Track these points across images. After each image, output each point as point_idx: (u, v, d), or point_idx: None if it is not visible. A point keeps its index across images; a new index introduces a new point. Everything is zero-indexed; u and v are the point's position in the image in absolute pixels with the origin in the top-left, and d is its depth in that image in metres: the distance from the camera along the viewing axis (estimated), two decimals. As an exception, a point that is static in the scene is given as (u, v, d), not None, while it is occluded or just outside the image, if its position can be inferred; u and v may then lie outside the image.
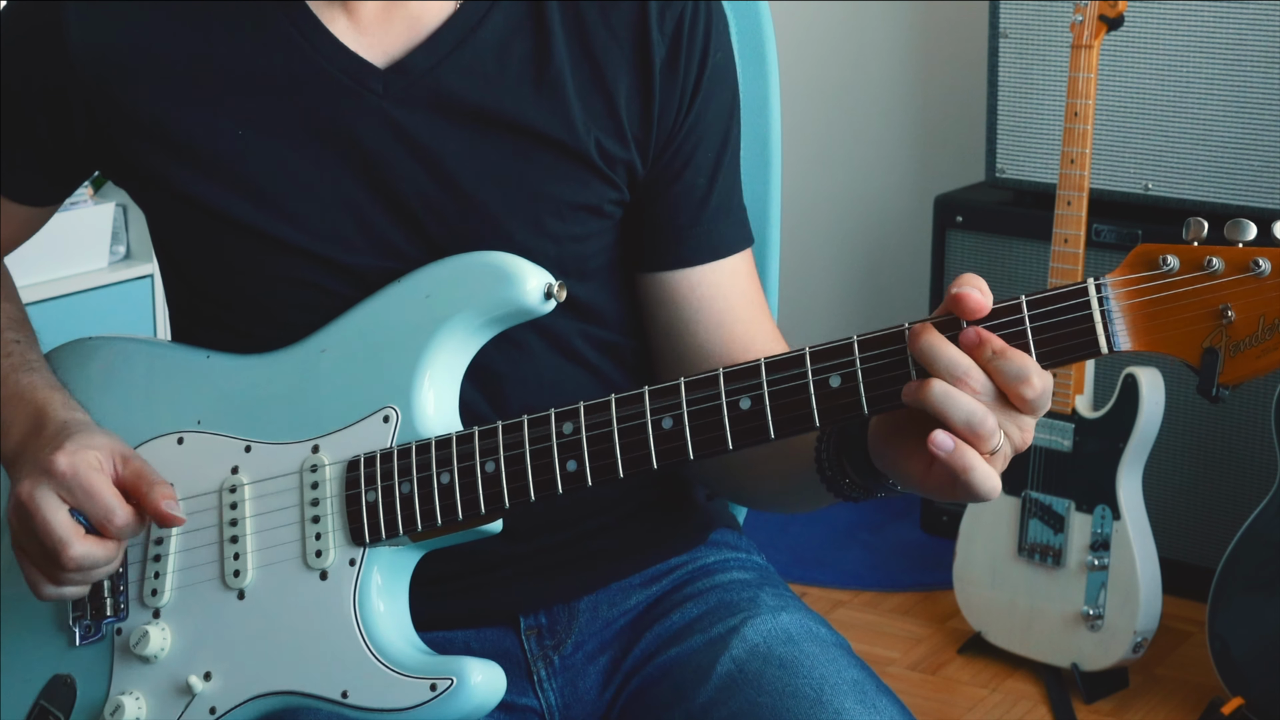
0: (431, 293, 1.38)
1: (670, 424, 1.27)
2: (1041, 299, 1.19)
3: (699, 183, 1.47)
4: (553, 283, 1.36)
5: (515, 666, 1.48)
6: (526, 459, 1.31)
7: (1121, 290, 1.18)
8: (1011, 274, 3.28)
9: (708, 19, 1.46)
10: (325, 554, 1.35)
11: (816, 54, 3.91)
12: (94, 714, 1.40)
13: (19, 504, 1.35)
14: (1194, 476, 3.14)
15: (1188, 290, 1.17)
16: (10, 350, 1.48)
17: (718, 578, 1.51)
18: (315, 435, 1.38)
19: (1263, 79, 2.99)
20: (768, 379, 1.25)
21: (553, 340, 1.46)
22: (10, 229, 1.54)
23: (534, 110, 1.41)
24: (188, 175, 1.42)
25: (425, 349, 1.37)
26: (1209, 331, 1.17)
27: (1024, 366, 1.18)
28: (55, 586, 1.37)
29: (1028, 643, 3.01)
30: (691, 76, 1.45)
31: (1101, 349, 1.18)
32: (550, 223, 1.42)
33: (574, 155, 1.42)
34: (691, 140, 1.46)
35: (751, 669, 1.38)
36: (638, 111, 1.44)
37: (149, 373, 1.46)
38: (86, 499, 1.34)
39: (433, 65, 1.41)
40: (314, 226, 1.41)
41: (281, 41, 1.41)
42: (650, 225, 1.47)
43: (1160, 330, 1.17)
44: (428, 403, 1.36)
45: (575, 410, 1.30)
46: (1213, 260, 1.16)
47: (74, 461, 1.34)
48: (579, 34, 1.43)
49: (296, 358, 1.41)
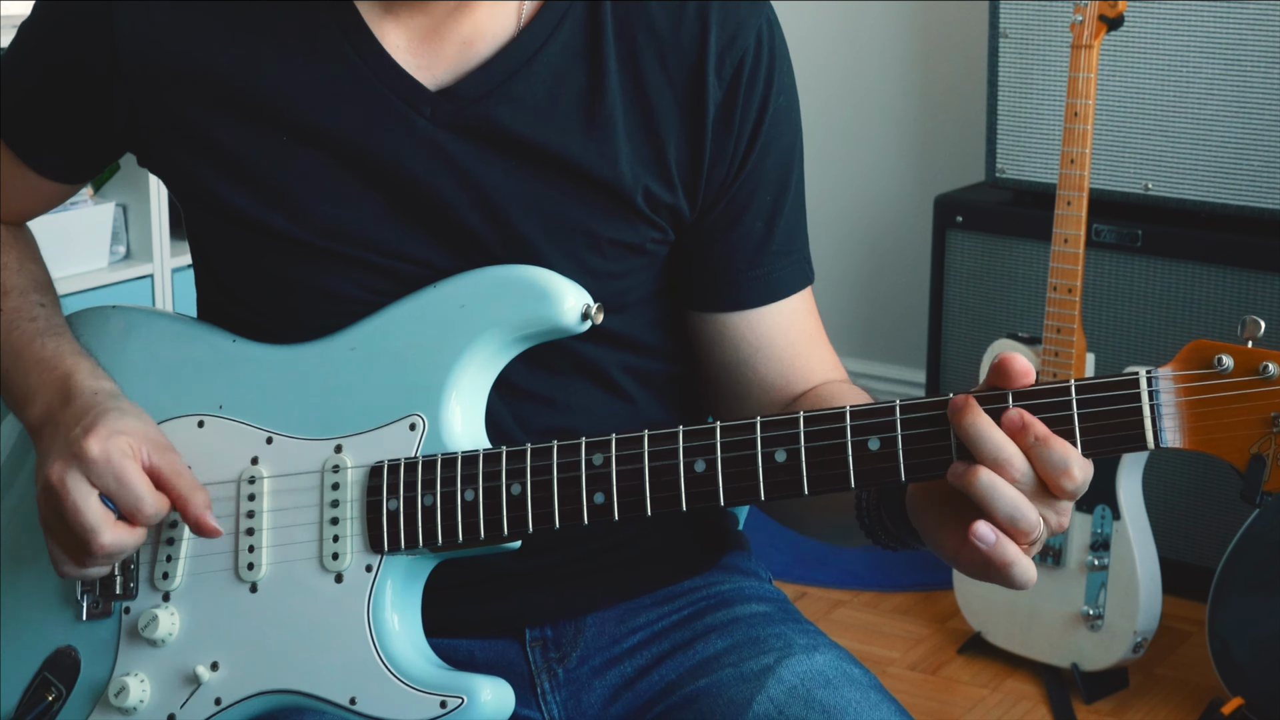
0: (467, 303, 1.37)
1: (703, 468, 1.26)
2: (1091, 384, 1.18)
3: (757, 226, 1.44)
4: (591, 304, 1.35)
5: (519, 677, 1.46)
6: (554, 486, 1.29)
7: (1175, 386, 1.17)
8: (1011, 274, 3.28)
9: (771, 62, 1.42)
10: (342, 557, 1.35)
11: (816, 54, 3.91)
12: (97, 692, 1.39)
13: (49, 486, 1.34)
14: (1194, 476, 3.14)
15: (1241, 395, 1.16)
16: (35, 314, 1.47)
17: (738, 609, 1.49)
18: (339, 435, 1.37)
19: (1263, 79, 2.99)
20: (805, 433, 1.23)
21: (586, 367, 1.44)
22: (33, 201, 1.54)
23: (581, 149, 1.39)
24: (224, 180, 1.41)
25: (457, 360, 1.36)
26: (1259, 437, 1.16)
27: (1066, 456, 1.17)
28: (79, 568, 1.37)
29: (1028, 643, 3.01)
30: (749, 126, 1.41)
31: (1148, 444, 1.17)
32: (590, 258, 1.41)
33: (619, 197, 1.40)
34: (748, 187, 1.43)
35: (792, 713, 1.36)
36: (687, 160, 1.41)
37: (172, 349, 1.45)
38: (118, 487, 1.33)
39: (484, 94, 1.39)
40: (349, 239, 1.40)
41: (332, 52, 1.39)
42: (707, 268, 1.45)
43: (1210, 431, 1.17)
44: (455, 415, 1.35)
45: (607, 442, 1.29)
46: (1269, 366, 1.16)
47: (106, 448, 1.33)
48: (634, 73, 1.40)
49: (324, 353, 1.40)
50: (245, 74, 1.39)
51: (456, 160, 1.38)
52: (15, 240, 1.55)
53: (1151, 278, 3.12)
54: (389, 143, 1.38)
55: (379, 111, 1.39)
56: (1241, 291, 3.04)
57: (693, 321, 1.49)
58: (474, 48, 1.40)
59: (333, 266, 1.40)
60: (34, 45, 1.48)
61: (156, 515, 1.34)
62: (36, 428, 1.40)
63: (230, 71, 1.40)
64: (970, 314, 3.35)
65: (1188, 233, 3.05)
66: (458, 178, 1.38)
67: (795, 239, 1.47)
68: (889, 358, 4.02)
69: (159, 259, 3.12)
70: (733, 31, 1.40)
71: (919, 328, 3.67)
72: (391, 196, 1.39)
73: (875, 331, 4.03)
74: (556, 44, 1.39)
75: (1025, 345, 2.95)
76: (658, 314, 1.48)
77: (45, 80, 1.46)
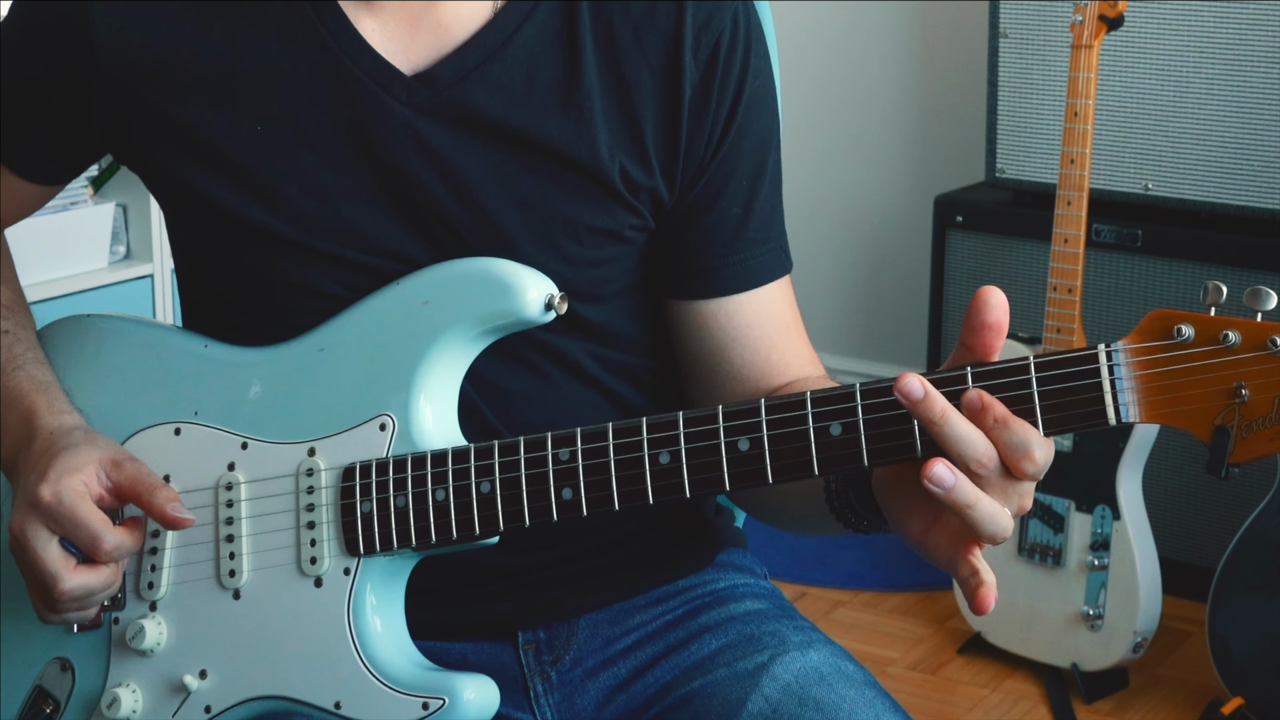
0: (430, 299, 1.36)
1: (667, 459, 1.25)
2: (1050, 361, 1.15)
3: (733, 212, 1.43)
4: (554, 294, 1.34)
5: (512, 681, 1.46)
6: (522, 483, 1.29)
7: (1133, 359, 1.13)
8: (1011, 274, 3.28)
9: (746, 44, 1.42)
10: (320, 561, 1.34)
11: (816, 54, 3.91)
12: (90, 704, 1.39)
13: (13, 538, 1.34)
14: (1194, 476, 3.14)
15: (1202, 365, 1.12)
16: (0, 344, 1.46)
17: (732, 607, 1.48)
18: (311, 437, 1.37)
19: (1263, 79, 2.99)
20: (767, 421, 1.22)
21: (564, 361, 1.43)
22: (13, 204, 1.53)
23: (559, 131, 1.38)
24: (203, 174, 1.40)
25: (422, 358, 1.35)
26: (1221, 409, 1.12)
27: (1026, 438, 1.14)
28: (57, 615, 1.36)
29: (1028, 643, 3.01)
30: (725, 106, 1.41)
31: (1110, 419, 1.14)
32: (567, 245, 1.40)
33: (597, 180, 1.39)
34: (724, 170, 1.42)
35: (787, 710, 1.36)
36: (664, 140, 1.40)
37: (145, 357, 1.44)
38: (73, 529, 1.32)
39: (460, 77, 1.38)
40: (326, 230, 1.39)
41: (308, 39, 1.39)
42: (684, 254, 1.44)
43: (1171, 404, 1.13)
44: (425, 413, 1.35)
45: (572, 435, 1.28)
46: (1229, 335, 1.12)
47: (57, 491, 1.32)
48: (610, 55, 1.39)
49: (294, 355, 1.40)
50: (221, 64, 1.39)
51: (432, 146, 1.38)
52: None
53: (1151, 278, 3.12)
54: (365, 127, 1.38)
55: (355, 95, 1.38)
56: (1241, 291, 3.03)
57: (670, 311, 1.47)
58: (450, 32, 1.39)
59: (311, 261, 1.40)
60: (10, 46, 1.47)
61: (118, 548, 1.34)
62: (7, 468, 1.41)
63: (206, 62, 1.39)
64: (970, 314, 3.34)
65: (1188, 233, 3.05)
66: (434, 163, 1.38)
67: (772, 226, 1.47)
68: (889, 358, 4.02)
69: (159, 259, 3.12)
70: (708, 12, 1.40)
71: (919, 328, 3.67)
72: (369, 185, 1.39)
73: (875, 331, 4.03)
74: (533, 26, 1.39)
75: (1025, 345, 2.96)
76: (636, 306, 1.47)
77: (23, 81, 1.46)
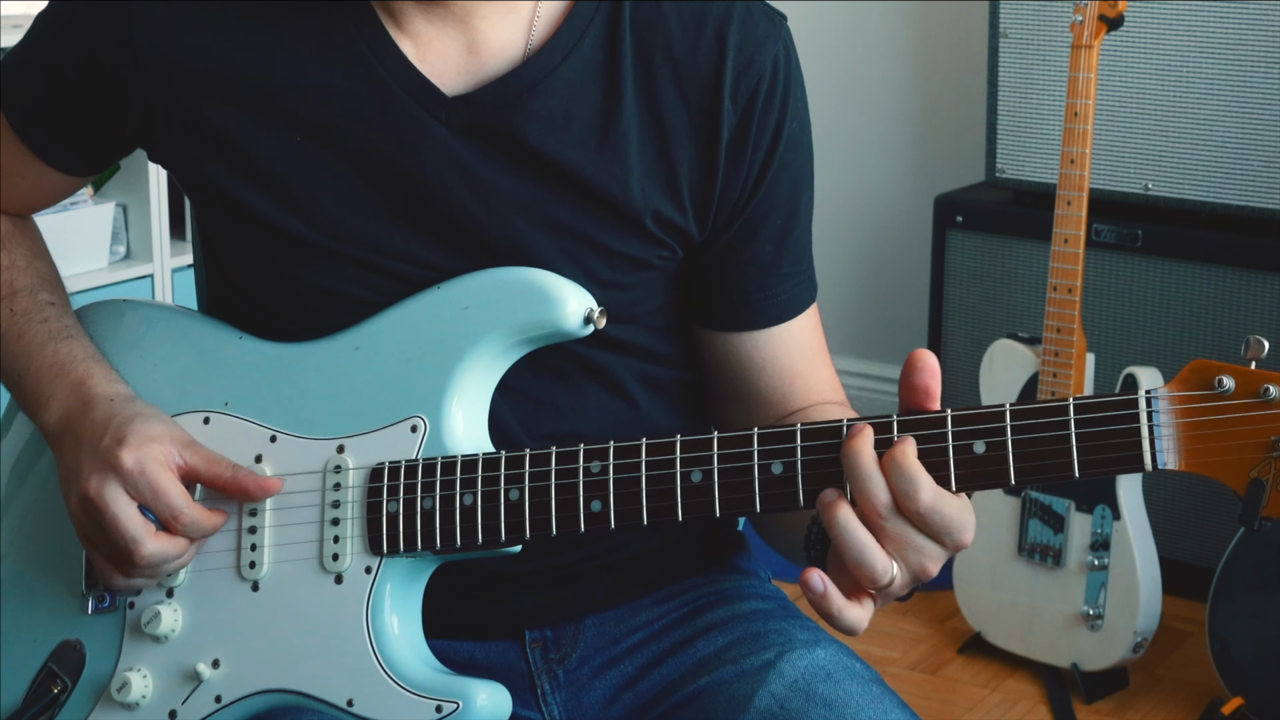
0: (470, 305, 1.36)
1: (699, 478, 1.26)
2: (1089, 404, 1.16)
3: (767, 250, 1.45)
4: (594, 308, 1.35)
5: (519, 679, 1.47)
6: (551, 492, 1.30)
7: (1174, 407, 1.15)
8: (1011, 274, 3.28)
9: (786, 87, 1.42)
10: (342, 558, 1.35)
11: (816, 54, 3.91)
12: (100, 686, 1.40)
13: (87, 499, 1.34)
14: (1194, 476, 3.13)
15: (1241, 417, 1.14)
16: (46, 314, 1.47)
17: (738, 606, 1.49)
18: (341, 435, 1.37)
19: (1263, 79, 2.99)
20: (802, 446, 1.24)
21: (596, 371, 1.44)
22: (42, 193, 1.54)
23: (594, 168, 1.38)
24: (235, 178, 1.41)
25: (459, 363, 1.36)
26: (1258, 461, 1.14)
27: (915, 479, 1.18)
28: (126, 579, 1.37)
29: (1028, 643, 3.01)
30: (761, 151, 1.41)
31: (1145, 464, 1.16)
32: (599, 269, 1.40)
33: (627, 218, 1.40)
34: (760, 211, 1.43)
35: (794, 706, 1.36)
36: (699, 183, 1.41)
37: (179, 344, 1.45)
38: (154, 498, 1.33)
39: (501, 104, 1.38)
40: (357, 239, 1.39)
41: (349, 54, 1.39)
42: (716, 290, 1.46)
43: (1208, 454, 1.15)
44: (457, 417, 1.35)
45: (605, 449, 1.29)
46: (1270, 389, 1.14)
47: (140, 458, 1.33)
48: (649, 94, 1.39)
49: (329, 352, 1.40)
50: (261, 72, 1.39)
51: (469, 165, 1.38)
52: (22, 235, 1.54)
53: (1151, 278, 3.12)
54: (403, 145, 1.38)
55: (394, 113, 1.38)
56: (1241, 291, 3.04)
57: (699, 335, 1.49)
58: (492, 56, 1.40)
59: (341, 268, 1.40)
60: (50, 39, 1.48)
61: (194, 524, 1.35)
62: (55, 434, 1.40)
63: (246, 69, 1.40)
64: (970, 314, 3.35)
65: (1188, 233, 3.05)
66: (470, 182, 1.38)
67: (803, 260, 1.48)
68: (889, 358, 4.02)
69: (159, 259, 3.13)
70: (750, 55, 1.40)
71: (919, 328, 3.67)
72: (403, 199, 1.39)
73: (875, 331, 4.03)
74: (576, 60, 1.39)
75: (1025, 345, 2.96)
76: (666, 323, 1.48)
77: (60, 74, 1.46)
